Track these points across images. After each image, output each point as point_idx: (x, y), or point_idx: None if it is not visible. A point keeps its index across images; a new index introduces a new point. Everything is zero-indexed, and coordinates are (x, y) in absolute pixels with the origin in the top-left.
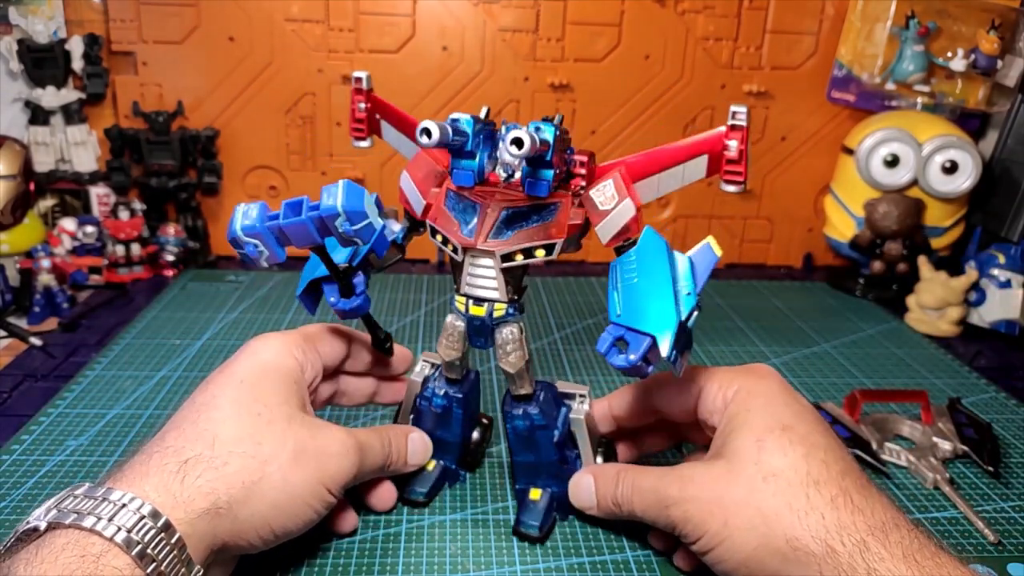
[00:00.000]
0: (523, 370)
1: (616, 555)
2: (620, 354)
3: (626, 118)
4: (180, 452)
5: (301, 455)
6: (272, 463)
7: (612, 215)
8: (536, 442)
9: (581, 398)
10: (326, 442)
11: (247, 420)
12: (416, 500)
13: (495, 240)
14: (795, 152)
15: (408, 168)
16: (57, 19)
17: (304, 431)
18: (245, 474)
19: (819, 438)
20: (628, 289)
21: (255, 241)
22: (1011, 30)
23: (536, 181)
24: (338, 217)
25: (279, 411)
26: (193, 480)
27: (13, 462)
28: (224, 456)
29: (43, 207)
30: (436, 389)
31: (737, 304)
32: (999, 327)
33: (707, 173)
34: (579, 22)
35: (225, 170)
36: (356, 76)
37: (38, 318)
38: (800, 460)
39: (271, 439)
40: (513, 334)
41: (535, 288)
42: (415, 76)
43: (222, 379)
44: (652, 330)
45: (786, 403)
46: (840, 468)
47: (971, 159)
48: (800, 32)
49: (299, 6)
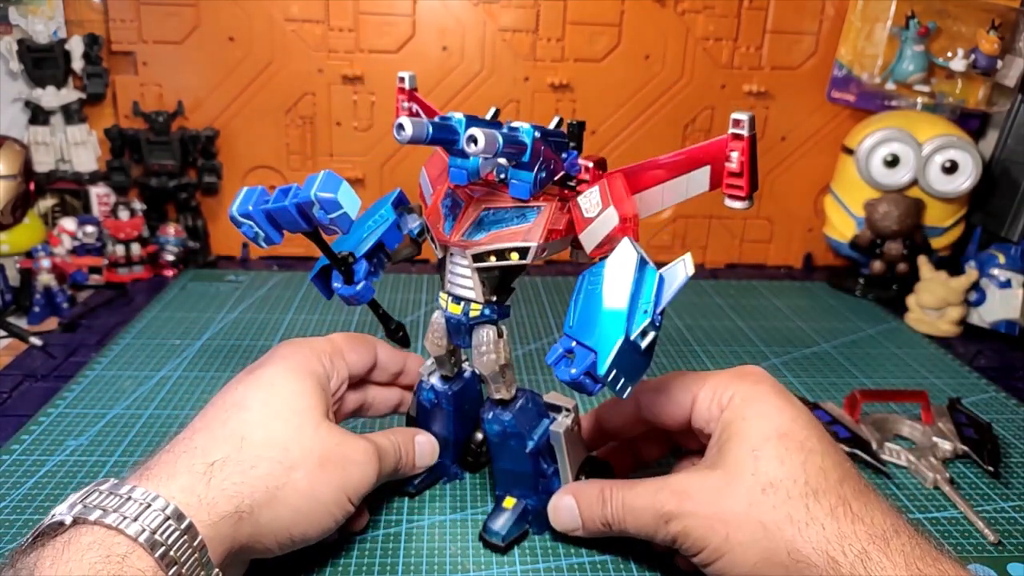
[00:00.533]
0: (497, 374)
1: (616, 555)
2: (567, 367)
3: (626, 118)
4: (207, 453)
5: (327, 463)
6: (299, 469)
7: (595, 223)
8: (510, 449)
9: (567, 412)
10: (351, 450)
11: (276, 424)
12: (407, 492)
13: (467, 239)
14: (795, 152)
15: (426, 165)
16: (57, 19)
17: (331, 439)
18: (271, 479)
19: (815, 443)
20: (587, 300)
21: (250, 223)
22: (1011, 30)
23: (516, 183)
24: (313, 205)
25: (307, 417)
26: (219, 483)
27: (13, 462)
28: (252, 459)
29: (43, 207)
30: (426, 384)
31: (737, 304)
32: (999, 327)
33: (710, 186)
34: (579, 22)
35: (225, 170)
36: (400, 76)
37: (38, 318)
38: (798, 468)
39: (299, 445)
40: (488, 336)
41: (535, 288)
42: (415, 76)
43: (252, 380)
44: (595, 345)
45: (780, 408)
46: (838, 475)
47: (971, 159)
48: (800, 32)
49: (299, 6)
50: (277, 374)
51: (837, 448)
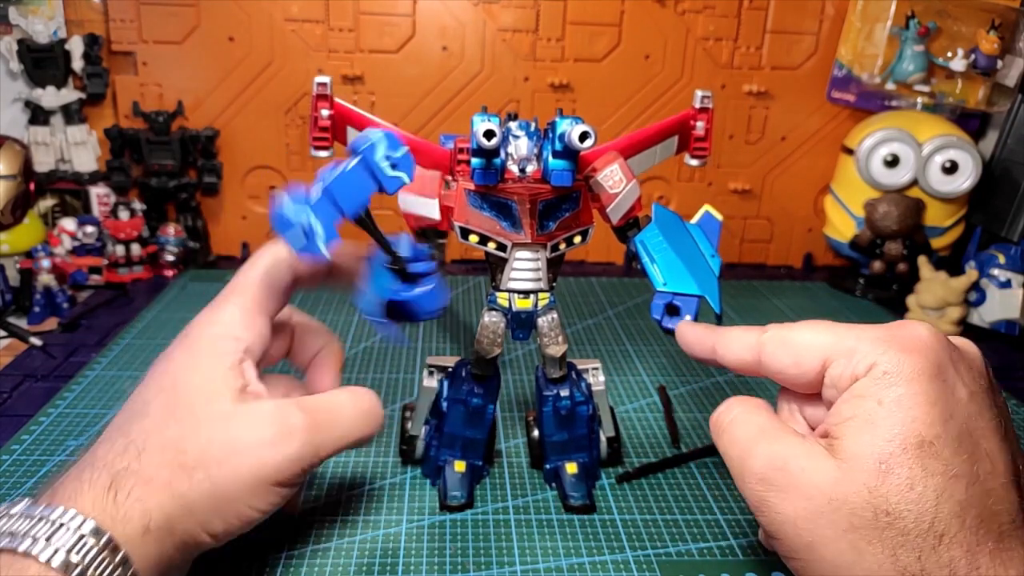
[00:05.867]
0: (565, 354)
1: (616, 555)
2: (673, 318)
3: (626, 118)
4: (111, 466)
5: (231, 455)
6: (199, 471)
7: (621, 197)
8: (575, 418)
9: (595, 370)
10: (262, 432)
11: (173, 428)
12: (455, 504)
13: (543, 233)
14: (795, 152)
15: (404, 190)
16: (57, 19)
17: (237, 427)
18: (174, 486)
19: (965, 465)
20: (664, 260)
21: (305, 219)
22: (1011, 30)
23: (566, 172)
24: (379, 144)
25: (207, 411)
26: (124, 498)
27: (13, 462)
28: (151, 469)
29: (43, 207)
30: (471, 389)
31: (737, 304)
32: (999, 327)
33: (677, 151)
34: (579, 22)
35: (225, 170)
36: (319, 82)
37: (38, 318)
38: (930, 500)
39: (195, 445)
40: (555, 320)
41: None
42: (415, 76)
43: (155, 380)
44: (700, 291)
45: (933, 401)
46: (978, 513)
47: (971, 159)
48: (800, 32)
49: (299, 6)
50: (179, 369)
51: (995, 466)
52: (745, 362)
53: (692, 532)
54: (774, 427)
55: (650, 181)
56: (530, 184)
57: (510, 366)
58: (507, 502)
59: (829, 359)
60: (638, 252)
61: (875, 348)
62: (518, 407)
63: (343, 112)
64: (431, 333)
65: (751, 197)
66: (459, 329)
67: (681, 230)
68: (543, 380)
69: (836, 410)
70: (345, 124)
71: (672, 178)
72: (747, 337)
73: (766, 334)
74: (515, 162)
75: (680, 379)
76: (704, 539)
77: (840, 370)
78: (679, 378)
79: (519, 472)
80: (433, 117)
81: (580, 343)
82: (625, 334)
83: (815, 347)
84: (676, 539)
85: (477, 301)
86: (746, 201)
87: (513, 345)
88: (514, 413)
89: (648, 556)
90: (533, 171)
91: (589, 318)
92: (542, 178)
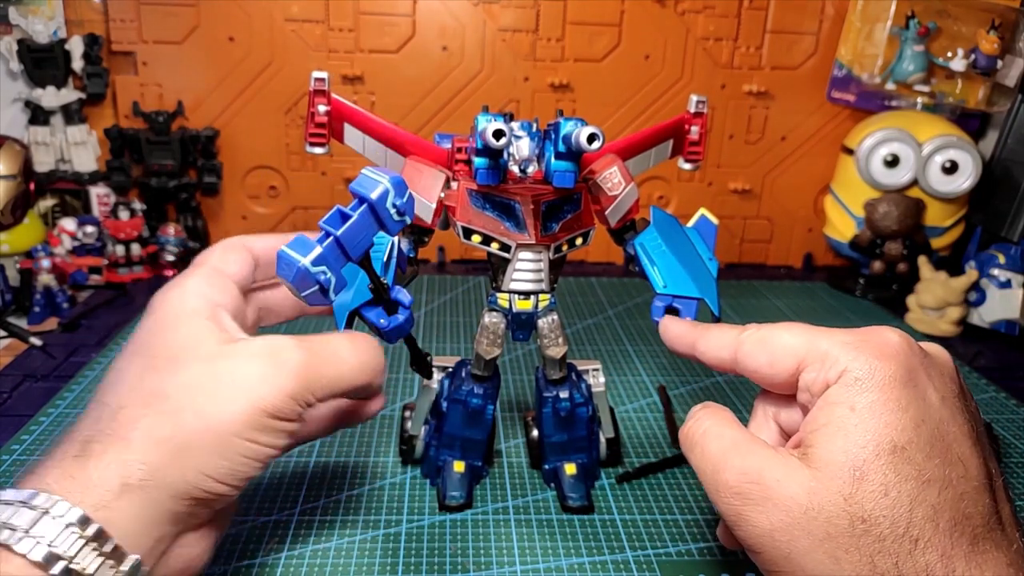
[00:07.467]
0: (565, 355)
1: (616, 555)
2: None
3: (626, 118)
4: (82, 434)
5: (222, 388)
6: (186, 412)
7: (620, 199)
8: (575, 420)
9: (595, 371)
10: (253, 366)
11: (151, 379)
12: (454, 505)
13: (546, 234)
14: (795, 152)
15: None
16: (57, 19)
17: (225, 363)
18: (154, 434)
19: (937, 469)
20: (663, 262)
21: (323, 268)
22: (1011, 30)
23: (569, 173)
24: (388, 194)
25: (190, 355)
26: (97, 462)
27: (13, 462)
28: (127, 425)
29: (43, 207)
30: (471, 390)
31: (737, 304)
32: (999, 327)
33: (671, 155)
34: (579, 22)
35: (225, 170)
36: (317, 77)
37: (38, 318)
38: (904, 505)
39: (179, 387)
40: (556, 321)
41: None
42: (415, 76)
43: (127, 352)
44: (700, 294)
45: (904, 406)
46: (951, 517)
47: (971, 159)
48: (800, 32)
49: (299, 6)
50: (152, 335)
51: (967, 470)
52: (722, 360)
53: (692, 532)
54: (746, 440)
55: (650, 181)
56: (532, 185)
57: (510, 367)
58: (506, 502)
59: (804, 362)
60: (637, 255)
61: (846, 353)
62: (518, 407)
63: (340, 108)
64: (431, 333)
65: (751, 197)
66: (459, 329)
67: (679, 233)
68: (543, 381)
69: (811, 417)
70: (342, 121)
71: (672, 178)
72: (726, 335)
73: (744, 333)
74: (516, 163)
75: (680, 379)
76: (704, 539)
77: (813, 375)
78: (679, 378)
79: (518, 472)
80: (433, 117)
81: (580, 343)
82: (625, 334)
83: (790, 349)
84: (676, 539)
85: (477, 301)
86: (746, 201)
87: (513, 346)
88: (514, 413)
89: (648, 556)
90: (534, 172)
91: (589, 318)
92: (543, 179)
